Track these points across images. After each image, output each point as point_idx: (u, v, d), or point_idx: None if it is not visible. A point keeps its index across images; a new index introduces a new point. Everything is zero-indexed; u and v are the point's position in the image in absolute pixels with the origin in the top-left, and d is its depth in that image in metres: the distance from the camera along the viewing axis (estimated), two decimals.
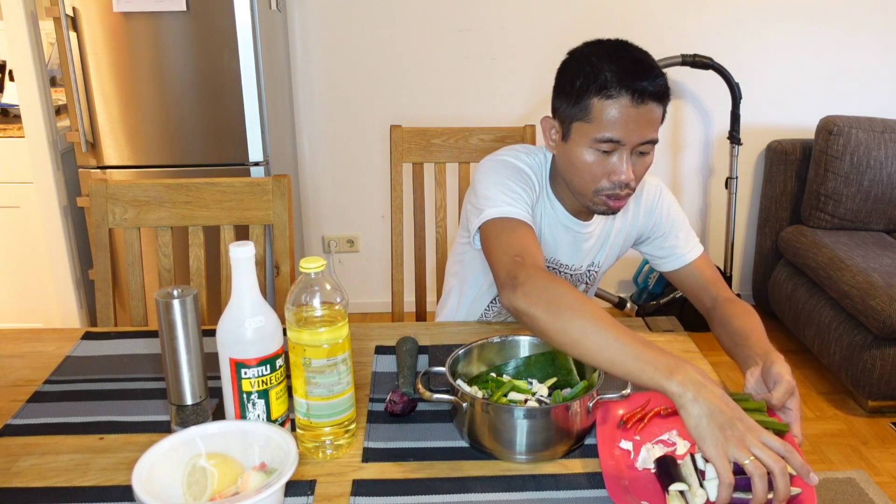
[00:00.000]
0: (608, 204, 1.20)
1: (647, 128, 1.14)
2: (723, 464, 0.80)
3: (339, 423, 0.95)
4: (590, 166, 1.17)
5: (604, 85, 1.12)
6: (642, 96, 1.11)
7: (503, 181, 1.22)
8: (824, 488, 2.08)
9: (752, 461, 0.79)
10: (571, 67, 1.18)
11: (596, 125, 1.14)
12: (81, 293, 2.66)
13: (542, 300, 0.99)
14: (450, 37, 2.94)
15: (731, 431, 0.81)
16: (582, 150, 1.17)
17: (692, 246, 1.35)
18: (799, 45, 2.99)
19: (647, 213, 1.36)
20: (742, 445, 0.80)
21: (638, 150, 1.16)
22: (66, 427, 1.03)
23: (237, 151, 2.43)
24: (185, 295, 0.95)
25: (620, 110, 1.12)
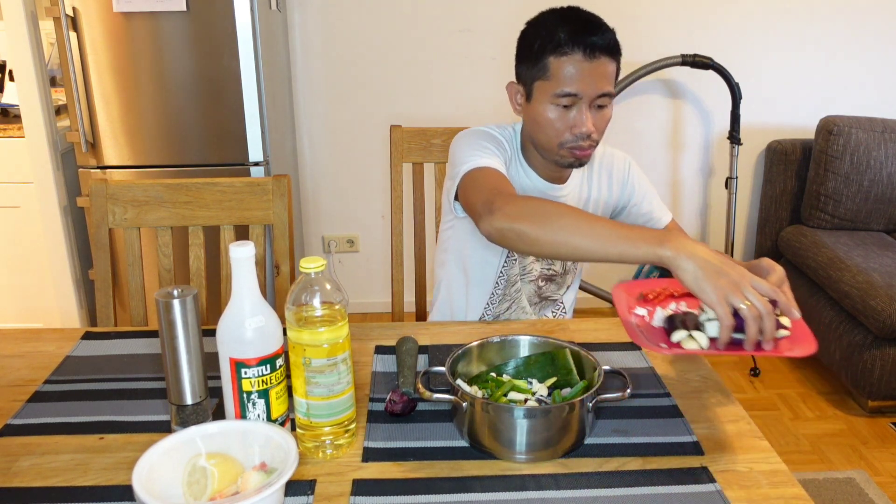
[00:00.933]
0: (574, 154, 1.28)
1: (601, 80, 1.23)
2: (723, 309, 0.91)
3: (339, 422, 0.95)
4: (552, 122, 1.26)
5: (558, 43, 1.22)
6: (594, 51, 1.21)
7: (475, 143, 1.32)
8: (824, 488, 2.08)
9: (747, 306, 0.90)
10: (529, 33, 1.29)
11: (554, 82, 1.23)
12: (81, 293, 2.66)
13: (523, 214, 1.08)
14: (450, 37, 2.94)
15: (726, 279, 0.92)
16: (544, 107, 1.26)
17: (664, 212, 1.48)
18: (799, 45, 2.99)
19: (621, 185, 1.45)
20: (737, 291, 0.91)
21: (596, 104, 1.25)
22: (66, 427, 1.03)
23: (237, 151, 2.43)
24: (185, 295, 0.95)
25: (575, 65, 1.21)
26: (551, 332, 1.33)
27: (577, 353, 1.07)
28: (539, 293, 1.46)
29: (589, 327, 1.35)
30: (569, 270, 1.47)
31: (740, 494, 0.89)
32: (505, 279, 1.44)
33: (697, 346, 0.94)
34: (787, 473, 0.94)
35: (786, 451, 2.27)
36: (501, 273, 1.45)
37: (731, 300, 0.90)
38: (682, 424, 1.04)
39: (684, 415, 1.06)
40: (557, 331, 1.34)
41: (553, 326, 1.36)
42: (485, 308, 1.48)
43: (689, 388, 1.14)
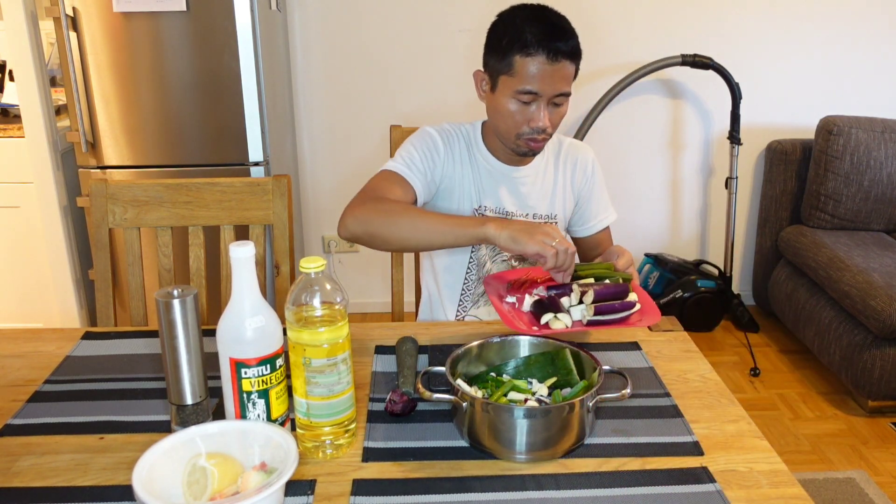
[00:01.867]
0: (529, 145, 1.38)
1: (560, 82, 1.31)
2: (543, 247, 1.14)
3: (339, 422, 0.95)
4: (513, 114, 1.34)
5: (525, 44, 1.29)
6: (556, 55, 1.29)
7: (406, 146, 1.44)
8: (824, 488, 2.08)
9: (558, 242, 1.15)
10: (499, 28, 1.37)
11: (518, 79, 1.31)
12: (81, 293, 2.66)
13: (372, 215, 1.28)
14: (450, 37, 2.94)
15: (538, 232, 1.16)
16: (506, 100, 1.34)
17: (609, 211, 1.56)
18: (799, 45, 2.99)
19: (583, 176, 1.53)
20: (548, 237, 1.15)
21: (553, 102, 1.33)
22: (66, 427, 1.03)
23: (237, 151, 2.43)
24: (185, 295, 0.95)
25: (538, 66, 1.29)
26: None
27: (577, 353, 1.07)
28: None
29: None
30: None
31: (740, 494, 0.89)
32: (476, 263, 1.50)
33: (563, 326, 1.15)
34: (787, 473, 0.94)
35: (786, 451, 2.27)
36: (466, 279, 1.51)
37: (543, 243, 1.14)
38: (682, 424, 1.04)
39: (684, 415, 1.06)
40: None
41: None
42: (457, 311, 1.52)
43: (689, 388, 1.14)
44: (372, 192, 1.34)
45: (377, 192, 1.34)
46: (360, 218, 1.28)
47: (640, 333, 1.32)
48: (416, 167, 1.40)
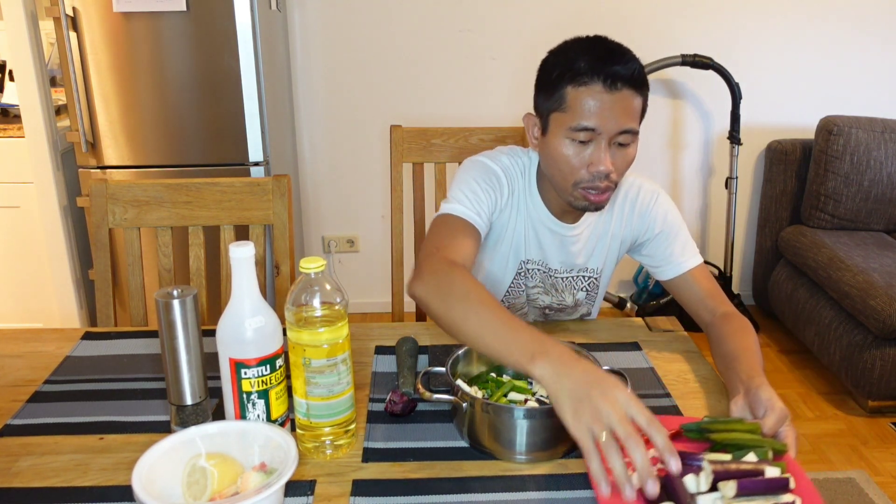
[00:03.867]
0: (588, 198, 1.18)
1: (623, 116, 1.12)
2: (581, 436, 0.80)
3: (339, 423, 0.95)
4: (567, 158, 1.16)
5: (577, 73, 1.12)
6: (615, 81, 1.11)
7: (468, 181, 1.25)
8: (824, 488, 2.08)
9: (607, 439, 0.79)
10: (550, 62, 1.19)
11: (571, 114, 1.14)
12: (81, 293, 2.66)
13: (435, 287, 1.05)
14: (450, 37, 2.94)
15: (587, 404, 0.82)
16: (560, 142, 1.16)
17: (689, 256, 1.31)
18: (799, 45, 2.99)
19: (641, 216, 1.33)
20: (597, 419, 0.80)
21: (616, 141, 1.14)
22: (66, 427, 1.03)
23: (237, 151, 2.43)
24: (185, 295, 0.95)
25: (594, 97, 1.11)
26: (551, 332, 1.33)
27: (576, 354, 1.07)
28: (546, 317, 1.43)
29: (589, 327, 1.35)
30: (580, 304, 1.41)
31: None
32: (507, 306, 1.41)
33: None
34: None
35: None
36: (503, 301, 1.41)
37: (590, 427, 0.80)
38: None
39: (684, 415, 1.06)
40: (558, 331, 1.34)
41: (553, 326, 1.36)
42: None
43: (689, 388, 1.14)
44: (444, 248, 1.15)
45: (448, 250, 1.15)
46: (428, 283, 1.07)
47: (640, 333, 1.32)
48: (483, 208, 1.24)
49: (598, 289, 1.41)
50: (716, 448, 0.89)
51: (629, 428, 0.79)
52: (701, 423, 0.92)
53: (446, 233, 1.19)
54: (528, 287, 1.38)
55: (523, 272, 1.36)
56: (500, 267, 1.36)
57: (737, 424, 0.91)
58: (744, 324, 1.19)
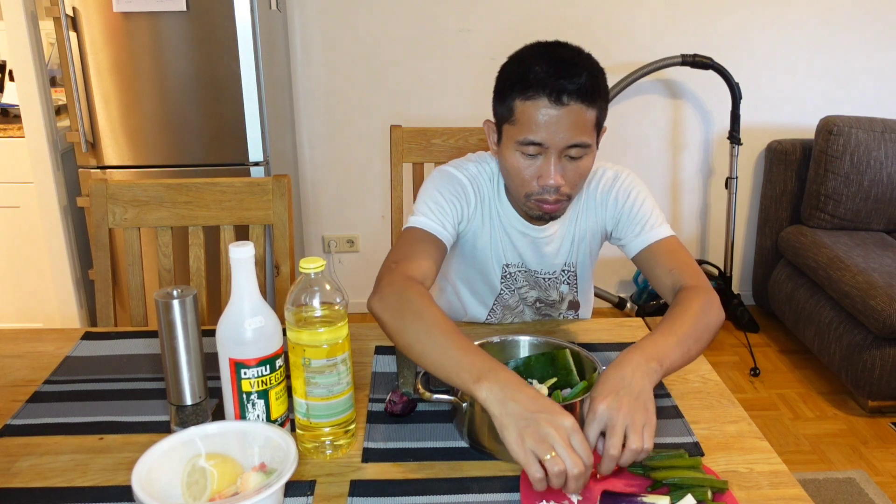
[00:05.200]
0: (542, 208, 1.17)
1: (571, 130, 1.09)
2: (524, 458, 0.83)
3: (339, 423, 0.95)
4: (518, 170, 1.14)
5: (526, 85, 1.09)
6: (561, 95, 1.07)
7: (433, 192, 1.24)
8: (824, 488, 2.08)
9: (552, 457, 0.81)
10: (505, 69, 1.16)
11: (519, 127, 1.11)
12: (81, 293, 2.66)
13: (391, 305, 1.05)
14: (450, 37, 2.94)
15: (533, 428, 0.83)
16: (510, 153, 1.14)
17: (654, 228, 1.25)
18: (799, 45, 2.99)
19: (604, 201, 1.29)
20: (541, 441, 0.82)
21: (567, 154, 1.11)
22: (66, 427, 1.03)
23: (237, 151, 2.43)
24: (185, 295, 0.95)
25: (540, 111, 1.08)
26: (551, 332, 1.33)
27: (577, 354, 1.07)
28: (538, 312, 1.43)
29: (589, 327, 1.35)
30: (565, 296, 1.41)
31: (740, 495, 0.89)
32: (501, 306, 1.41)
33: None
34: (788, 474, 0.94)
35: (786, 452, 2.27)
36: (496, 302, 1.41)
37: (534, 449, 0.82)
38: (682, 425, 1.04)
39: (684, 415, 1.06)
40: (557, 331, 1.34)
41: (553, 327, 1.36)
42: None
43: (689, 389, 1.14)
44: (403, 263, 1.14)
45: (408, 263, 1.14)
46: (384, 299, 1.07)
47: (640, 333, 1.32)
48: (448, 219, 1.22)
49: (579, 279, 1.40)
50: (656, 486, 0.89)
51: (571, 453, 0.82)
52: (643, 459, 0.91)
53: (408, 247, 1.18)
54: (517, 288, 1.39)
55: (507, 276, 1.37)
56: (486, 273, 1.36)
57: (678, 461, 0.91)
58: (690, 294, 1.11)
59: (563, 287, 1.40)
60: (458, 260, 1.38)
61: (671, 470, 0.89)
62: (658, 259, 1.23)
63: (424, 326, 1.00)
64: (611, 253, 1.39)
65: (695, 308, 1.07)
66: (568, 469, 0.81)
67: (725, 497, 0.87)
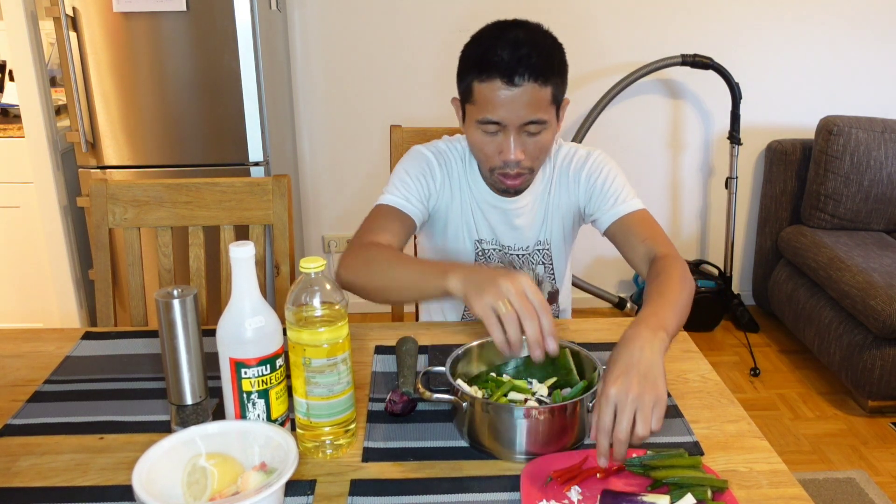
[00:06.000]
0: (504, 182, 1.22)
1: (526, 108, 1.13)
2: (484, 312, 0.91)
3: (339, 422, 0.95)
4: (481, 146, 1.20)
5: (482, 67, 1.14)
6: (512, 76, 1.11)
7: (399, 172, 1.32)
8: (824, 488, 2.08)
9: (504, 304, 0.89)
10: (465, 52, 1.22)
11: (477, 107, 1.16)
12: (81, 293, 2.66)
13: (358, 265, 1.14)
14: (450, 37, 2.93)
15: (491, 286, 0.91)
16: (472, 131, 1.20)
17: (623, 201, 1.28)
18: (799, 45, 2.99)
19: (576, 178, 1.33)
20: (498, 294, 0.90)
21: (525, 130, 1.16)
22: (66, 427, 1.03)
23: (237, 151, 2.43)
24: (185, 295, 0.95)
25: (494, 91, 1.12)
26: None
27: (577, 353, 1.07)
28: None
29: (589, 327, 1.35)
30: (542, 280, 1.41)
31: (740, 495, 0.89)
32: None
33: None
34: (788, 474, 0.94)
35: (786, 451, 2.27)
36: None
37: (491, 302, 0.89)
38: (682, 424, 1.04)
39: (684, 415, 1.06)
40: (557, 331, 1.33)
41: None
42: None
43: (689, 388, 1.14)
44: (366, 235, 1.22)
45: (371, 235, 1.22)
46: (349, 265, 1.15)
47: None
48: (413, 194, 1.29)
49: (554, 259, 1.40)
50: (656, 485, 0.88)
51: (525, 302, 0.89)
52: (643, 458, 0.91)
53: (373, 223, 1.26)
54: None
55: (480, 253, 1.38)
56: (458, 249, 1.38)
57: (678, 460, 0.91)
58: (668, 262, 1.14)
59: (538, 268, 1.40)
60: (432, 241, 1.41)
61: (671, 469, 0.89)
62: (632, 229, 1.27)
63: (391, 264, 1.10)
64: (611, 253, 1.39)
65: (677, 276, 1.11)
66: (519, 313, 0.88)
67: (725, 496, 0.87)
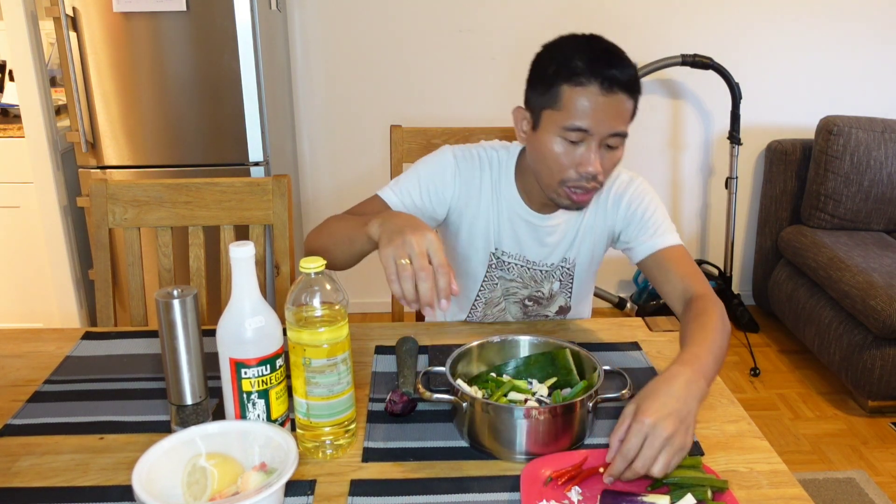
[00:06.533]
0: (571, 197, 1.19)
1: (616, 119, 1.13)
2: (386, 262, 0.96)
3: (339, 423, 0.95)
4: (557, 156, 1.16)
5: (574, 72, 1.12)
6: (611, 85, 1.11)
7: (413, 172, 1.33)
8: (824, 488, 2.08)
9: (404, 262, 0.93)
10: (545, 57, 1.19)
11: (565, 113, 1.13)
12: (81, 293, 2.66)
13: (315, 232, 1.23)
14: (450, 37, 2.94)
15: (398, 238, 0.95)
16: (550, 139, 1.16)
17: (663, 235, 1.28)
18: (799, 45, 2.99)
19: (616, 203, 1.32)
20: (402, 249, 0.94)
21: (606, 143, 1.15)
22: (66, 427, 1.03)
23: (237, 151, 2.43)
24: (185, 295, 0.95)
25: (590, 98, 1.11)
26: (551, 332, 1.33)
27: (577, 353, 1.07)
28: (525, 312, 1.42)
29: (589, 327, 1.35)
30: (555, 294, 1.40)
31: (740, 495, 0.89)
32: (483, 302, 1.41)
33: None
34: (788, 474, 0.94)
35: (786, 451, 2.27)
36: (479, 297, 1.41)
37: (393, 254, 0.94)
38: None
39: None
40: (557, 331, 1.34)
41: (553, 326, 1.36)
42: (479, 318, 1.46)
43: None
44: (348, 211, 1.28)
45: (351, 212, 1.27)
46: (310, 236, 1.24)
47: (640, 333, 1.32)
48: (411, 202, 1.29)
49: (574, 280, 1.39)
50: (656, 485, 0.88)
51: (424, 262, 0.93)
52: None
53: (358, 207, 1.30)
54: (507, 280, 1.38)
55: (496, 264, 1.36)
56: (468, 255, 1.37)
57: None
58: (707, 305, 1.14)
59: (555, 284, 1.39)
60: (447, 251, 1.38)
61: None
62: (669, 265, 1.26)
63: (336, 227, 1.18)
64: (610, 253, 1.39)
65: (717, 320, 1.10)
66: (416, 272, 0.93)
67: (725, 496, 0.87)
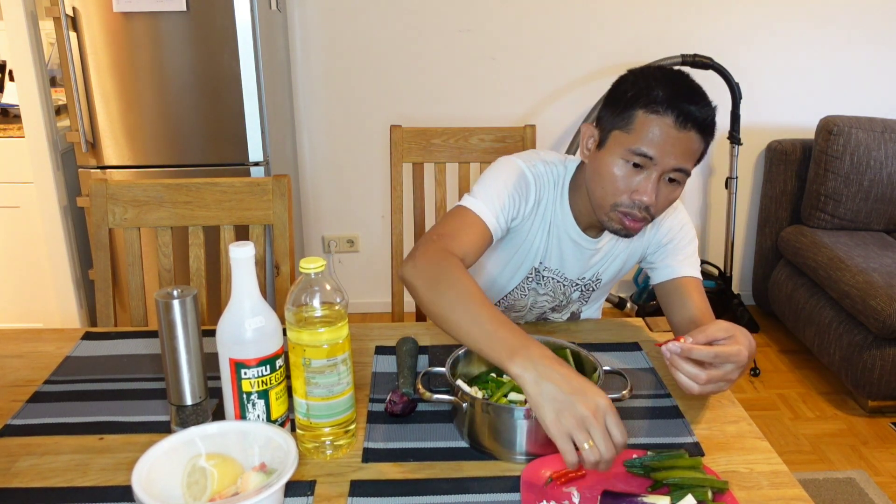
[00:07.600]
0: (623, 223, 1.17)
1: (683, 155, 1.12)
2: (561, 441, 0.84)
3: (339, 423, 0.95)
4: (615, 178, 1.15)
5: (653, 100, 1.11)
6: (686, 120, 1.10)
7: (497, 180, 1.24)
8: (824, 488, 2.08)
9: (590, 446, 0.84)
10: (627, 80, 1.18)
11: (634, 136, 1.12)
12: (81, 293, 2.66)
13: (426, 273, 1.07)
14: (450, 37, 2.94)
15: (569, 410, 0.85)
16: (613, 160, 1.15)
17: (688, 266, 1.31)
18: (799, 45, 2.99)
19: (655, 227, 1.33)
20: (580, 427, 0.84)
21: (667, 177, 1.14)
22: (66, 427, 1.03)
23: (237, 151, 2.43)
24: (185, 295, 0.95)
25: (662, 128, 1.10)
26: (551, 332, 1.33)
27: (577, 353, 1.07)
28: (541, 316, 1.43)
29: (589, 327, 1.35)
30: (572, 302, 1.41)
31: (741, 495, 0.89)
32: (504, 307, 1.41)
33: None
34: (788, 474, 0.94)
35: (786, 451, 2.27)
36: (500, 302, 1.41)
37: (574, 436, 0.84)
38: (682, 425, 1.04)
39: (685, 415, 1.06)
40: (558, 331, 1.34)
41: (553, 326, 1.36)
42: None
43: None
44: (444, 238, 1.15)
45: (448, 240, 1.15)
46: (419, 267, 1.09)
47: (641, 334, 1.32)
48: (503, 212, 1.22)
49: (593, 292, 1.41)
50: (657, 486, 0.89)
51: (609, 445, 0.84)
52: (644, 458, 0.92)
53: (455, 224, 1.19)
54: (539, 294, 1.38)
55: (534, 277, 1.35)
56: (506, 263, 1.35)
57: (679, 461, 0.91)
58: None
59: (575, 293, 1.39)
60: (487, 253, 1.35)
61: (671, 470, 0.89)
62: (689, 293, 1.27)
63: (458, 296, 1.01)
64: None
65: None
66: (602, 455, 0.84)
67: (725, 497, 0.87)
